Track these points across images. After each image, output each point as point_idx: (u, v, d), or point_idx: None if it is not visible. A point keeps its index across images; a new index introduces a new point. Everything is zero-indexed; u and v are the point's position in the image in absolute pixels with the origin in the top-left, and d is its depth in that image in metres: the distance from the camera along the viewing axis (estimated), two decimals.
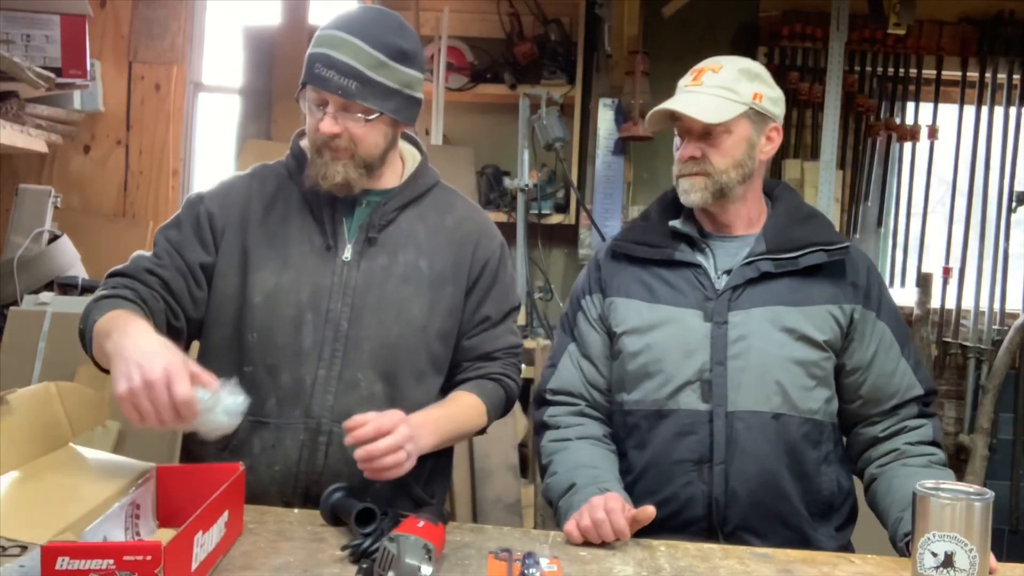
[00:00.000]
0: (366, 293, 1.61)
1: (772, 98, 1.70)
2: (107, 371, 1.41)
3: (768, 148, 1.72)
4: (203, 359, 1.63)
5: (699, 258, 1.71)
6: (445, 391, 1.71)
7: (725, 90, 1.66)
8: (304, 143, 1.68)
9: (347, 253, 1.62)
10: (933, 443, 1.70)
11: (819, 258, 1.67)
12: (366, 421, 1.44)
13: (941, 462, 1.68)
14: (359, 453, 1.43)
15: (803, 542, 1.62)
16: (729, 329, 1.64)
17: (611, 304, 1.74)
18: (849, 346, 1.68)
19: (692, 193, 1.68)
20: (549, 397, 1.78)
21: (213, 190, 1.68)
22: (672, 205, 1.78)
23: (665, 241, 1.73)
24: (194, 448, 1.64)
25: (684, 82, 1.71)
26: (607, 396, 1.76)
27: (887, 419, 1.70)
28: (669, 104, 1.67)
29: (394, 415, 1.47)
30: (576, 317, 1.80)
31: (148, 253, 1.64)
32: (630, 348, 1.70)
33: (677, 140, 1.72)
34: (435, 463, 1.70)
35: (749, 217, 1.74)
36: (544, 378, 1.81)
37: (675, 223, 1.74)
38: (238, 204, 1.65)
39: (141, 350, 1.30)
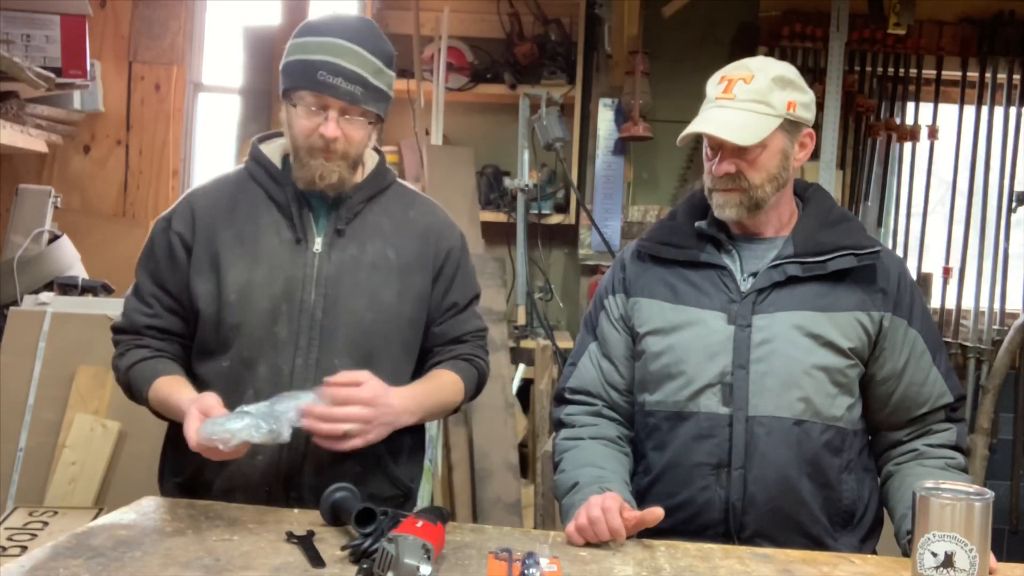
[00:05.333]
0: (338, 282, 1.65)
1: (804, 103, 1.65)
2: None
3: (802, 155, 1.67)
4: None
5: (725, 260, 1.68)
6: (417, 376, 1.77)
7: (759, 104, 1.60)
8: (269, 148, 1.73)
9: (317, 245, 1.66)
10: (955, 447, 1.67)
11: (848, 263, 1.62)
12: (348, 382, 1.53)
13: (960, 466, 1.65)
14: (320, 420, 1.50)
15: (822, 552, 1.59)
16: (752, 333, 1.62)
17: (635, 304, 1.73)
18: (880, 356, 1.65)
19: (727, 208, 1.64)
20: (568, 396, 1.78)
21: (178, 209, 1.71)
22: (700, 205, 1.74)
23: (690, 242, 1.71)
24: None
25: (714, 92, 1.65)
26: (626, 396, 1.75)
27: (913, 425, 1.68)
28: (702, 127, 1.62)
29: (373, 380, 1.54)
30: (599, 317, 1.78)
31: (135, 298, 1.71)
32: (652, 349, 1.68)
33: (707, 150, 1.67)
34: (412, 441, 1.76)
35: (779, 221, 1.71)
36: (564, 376, 1.81)
37: (701, 224, 1.71)
38: (202, 212, 1.68)
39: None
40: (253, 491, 1.62)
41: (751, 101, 1.60)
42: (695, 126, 1.63)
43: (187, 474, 1.67)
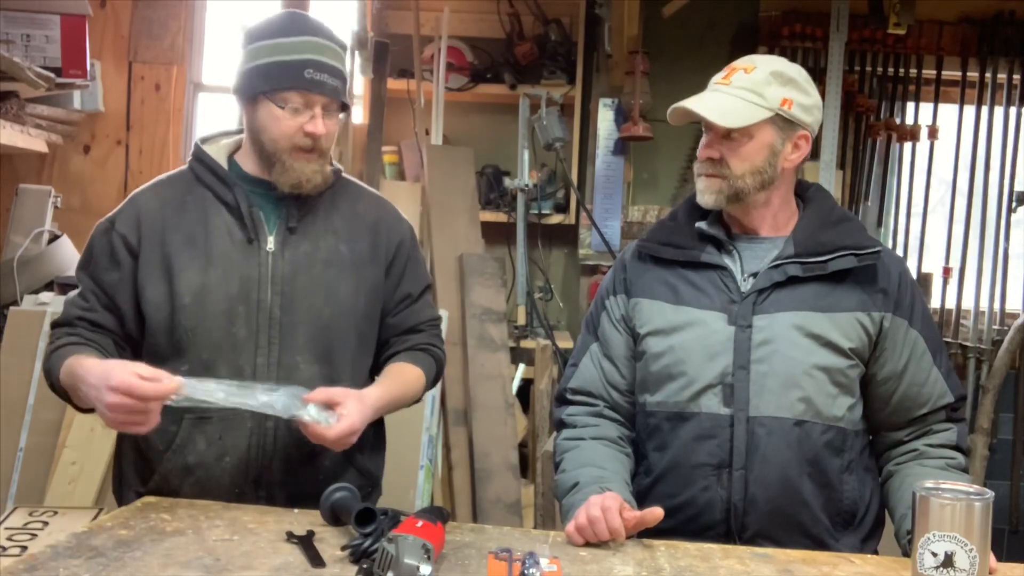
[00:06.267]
0: (294, 280, 1.66)
1: (804, 105, 1.65)
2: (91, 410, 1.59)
3: (794, 156, 1.67)
4: None
5: (725, 260, 1.68)
6: (375, 368, 1.78)
7: (752, 93, 1.61)
8: (213, 149, 1.73)
9: (270, 244, 1.66)
10: (956, 447, 1.67)
11: (848, 263, 1.62)
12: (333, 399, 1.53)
13: (960, 466, 1.65)
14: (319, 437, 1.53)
15: (823, 552, 1.59)
16: (753, 333, 1.62)
17: (636, 305, 1.73)
18: (880, 356, 1.65)
19: (706, 194, 1.66)
20: (569, 396, 1.78)
21: (122, 211, 1.70)
22: (699, 205, 1.75)
23: (691, 242, 1.70)
24: (142, 451, 1.68)
25: (715, 79, 1.68)
26: (628, 397, 1.75)
27: (914, 425, 1.68)
28: (689, 103, 1.63)
29: (350, 403, 1.55)
30: (600, 317, 1.79)
31: (76, 295, 1.70)
32: (653, 349, 1.68)
33: (704, 138, 1.68)
34: (374, 430, 1.78)
35: (775, 221, 1.71)
36: (565, 377, 1.81)
37: (701, 225, 1.71)
38: (148, 215, 1.67)
39: (94, 384, 1.45)
40: (224, 494, 1.62)
41: (744, 89, 1.62)
42: (684, 102, 1.64)
43: (152, 483, 1.66)
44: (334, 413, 1.53)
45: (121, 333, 1.68)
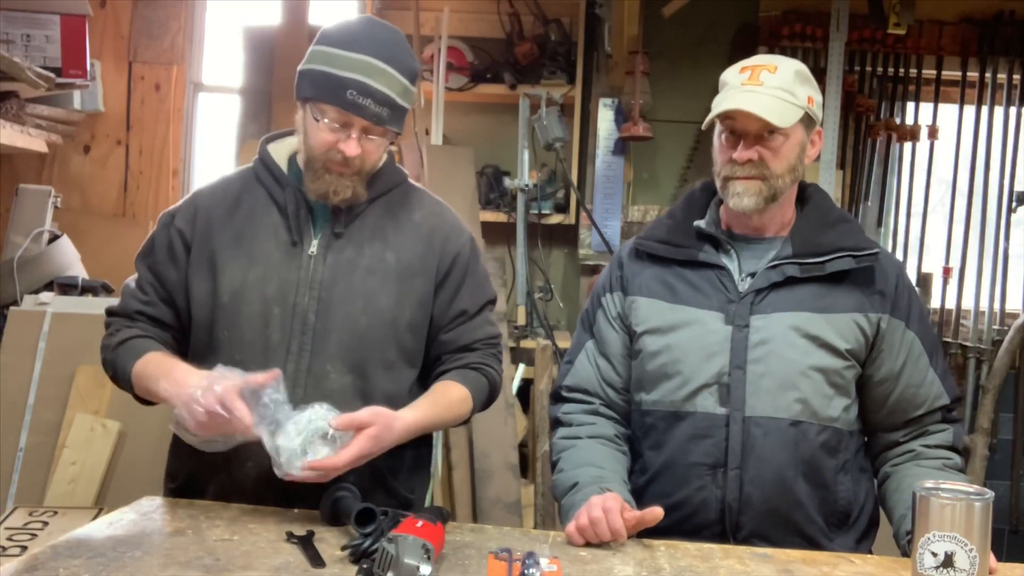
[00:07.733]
0: (332, 286, 1.62)
1: (819, 102, 1.67)
2: (148, 402, 1.64)
3: (812, 152, 1.68)
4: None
5: (723, 260, 1.68)
6: (424, 384, 1.72)
7: (786, 92, 1.60)
8: (277, 149, 1.71)
9: (313, 247, 1.63)
10: (952, 448, 1.67)
11: (846, 264, 1.62)
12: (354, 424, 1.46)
13: (956, 467, 1.66)
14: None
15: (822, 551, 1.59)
16: (750, 333, 1.62)
17: (632, 303, 1.72)
18: (877, 357, 1.65)
19: (746, 197, 1.63)
20: (565, 394, 1.78)
21: (183, 205, 1.71)
22: (699, 204, 1.74)
23: (689, 241, 1.70)
24: (177, 448, 1.69)
25: (738, 80, 1.64)
26: (623, 395, 1.75)
27: (910, 426, 1.68)
28: (741, 104, 1.59)
29: (360, 438, 1.46)
30: (596, 315, 1.78)
31: (133, 285, 1.71)
32: (650, 348, 1.68)
33: (720, 139, 1.66)
34: (414, 455, 1.71)
35: (782, 220, 1.70)
36: (561, 374, 1.81)
37: (700, 223, 1.71)
38: (204, 211, 1.68)
39: (192, 389, 1.45)
40: (246, 498, 1.60)
41: (779, 89, 1.60)
42: (731, 104, 1.60)
43: (180, 480, 1.67)
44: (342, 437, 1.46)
45: (178, 327, 1.69)
